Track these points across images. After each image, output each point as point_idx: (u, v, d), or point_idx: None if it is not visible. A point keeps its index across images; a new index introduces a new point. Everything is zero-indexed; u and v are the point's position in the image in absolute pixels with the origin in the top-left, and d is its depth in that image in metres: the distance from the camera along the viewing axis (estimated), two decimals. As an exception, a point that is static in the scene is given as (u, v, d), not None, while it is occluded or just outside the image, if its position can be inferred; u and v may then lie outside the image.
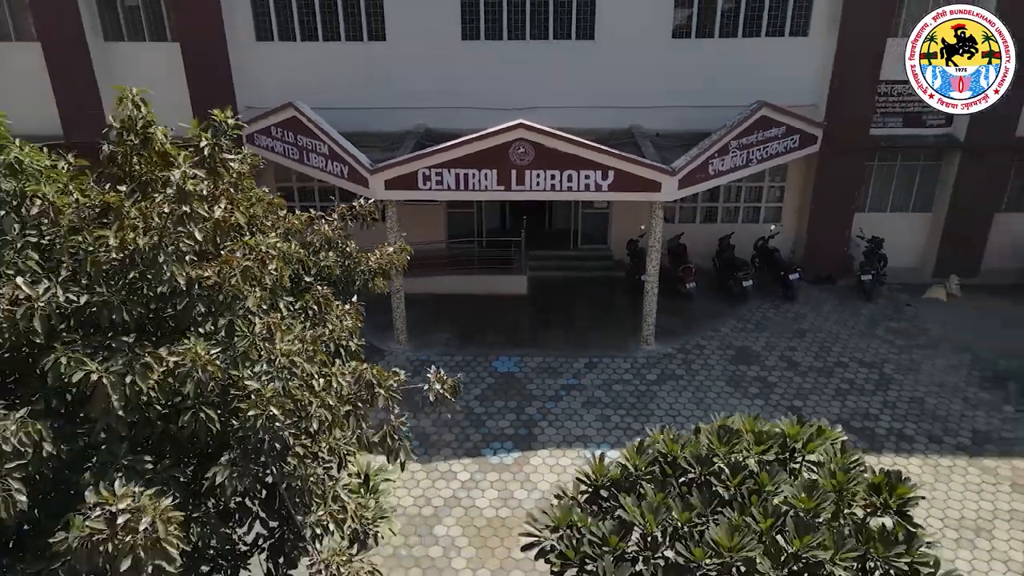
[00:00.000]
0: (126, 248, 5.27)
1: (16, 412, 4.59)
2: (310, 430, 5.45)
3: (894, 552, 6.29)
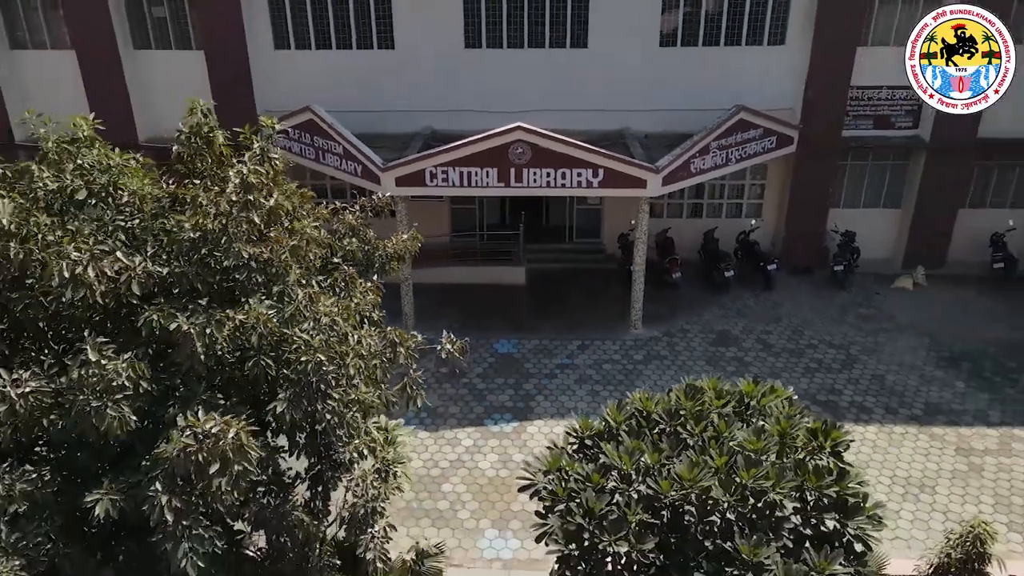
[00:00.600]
0: (199, 230, 6.58)
1: (125, 354, 5.90)
2: (347, 375, 6.77)
3: (826, 483, 7.61)
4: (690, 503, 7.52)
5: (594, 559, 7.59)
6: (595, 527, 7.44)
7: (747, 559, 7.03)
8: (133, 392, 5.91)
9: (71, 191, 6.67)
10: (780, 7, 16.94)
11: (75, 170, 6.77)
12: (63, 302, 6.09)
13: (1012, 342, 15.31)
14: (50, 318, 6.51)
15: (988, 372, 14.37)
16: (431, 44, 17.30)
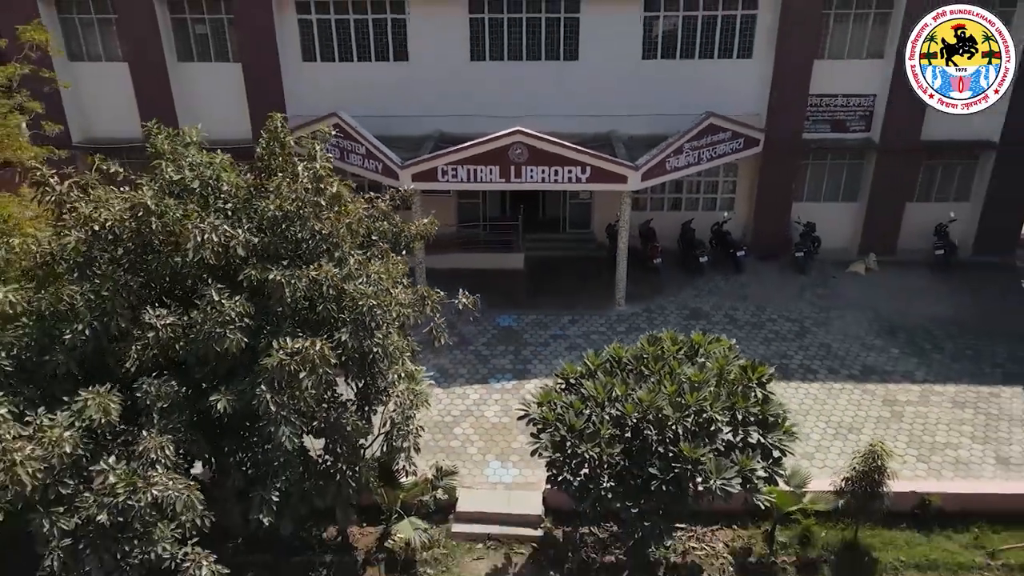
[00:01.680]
0: (281, 210, 8.95)
1: (237, 296, 8.25)
2: (390, 318, 9.15)
3: (751, 405, 9.99)
4: (648, 420, 9.95)
5: (574, 462, 9.99)
6: (575, 439, 9.87)
7: (689, 458, 9.41)
8: (241, 324, 8.27)
9: (187, 181, 9.02)
10: (747, 25, 19.30)
11: (190, 166, 9.11)
12: (186, 261, 8.45)
13: (945, 317, 17.68)
14: (172, 275, 8.86)
15: (920, 341, 16.73)
16: (441, 57, 19.64)
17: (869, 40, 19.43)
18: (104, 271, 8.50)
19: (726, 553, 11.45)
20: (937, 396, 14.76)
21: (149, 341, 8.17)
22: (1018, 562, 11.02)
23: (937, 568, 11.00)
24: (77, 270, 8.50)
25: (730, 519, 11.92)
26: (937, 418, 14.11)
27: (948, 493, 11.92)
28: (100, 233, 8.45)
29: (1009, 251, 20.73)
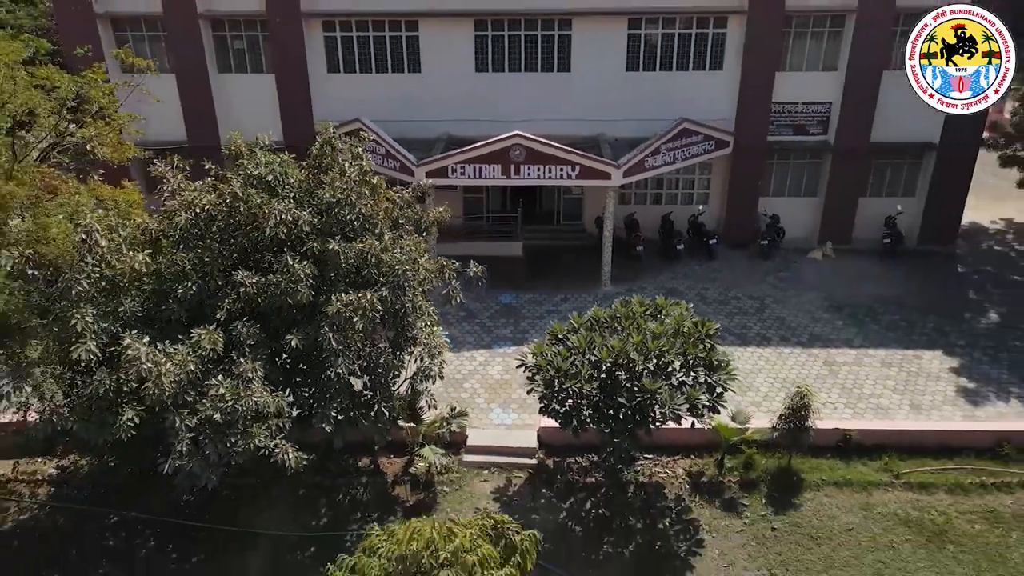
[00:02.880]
0: (335, 197, 11.69)
1: (304, 261, 10.97)
2: (419, 280, 11.90)
3: (700, 351, 12.72)
4: (618, 363, 12.66)
5: (561, 396, 12.71)
6: (561, 378, 12.59)
7: (649, 390, 12.13)
8: (308, 283, 11.00)
9: (263, 175, 11.75)
10: (718, 42, 22.04)
11: (266, 164, 11.84)
12: (264, 235, 11.18)
13: (886, 296, 20.42)
14: (253, 246, 11.59)
15: (861, 315, 19.47)
16: (449, 69, 22.39)
17: (824, 55, 22.20)
18: (204, 243, 11.25)
19: (684, 475, 14.17)
20: (869, 358, 17.51)
21: (239, 295, 10.90)
22: (916, 480, 13.74)
23: (852, 485, 13.71)
24: (184, 243, 11.24)
25: (688, 451, 14.64)
26: (866, 375, 16.87)
27: (865, 429, 14.66)
28: (200, 215, 11.20)
29: (950, 241, 23.51)
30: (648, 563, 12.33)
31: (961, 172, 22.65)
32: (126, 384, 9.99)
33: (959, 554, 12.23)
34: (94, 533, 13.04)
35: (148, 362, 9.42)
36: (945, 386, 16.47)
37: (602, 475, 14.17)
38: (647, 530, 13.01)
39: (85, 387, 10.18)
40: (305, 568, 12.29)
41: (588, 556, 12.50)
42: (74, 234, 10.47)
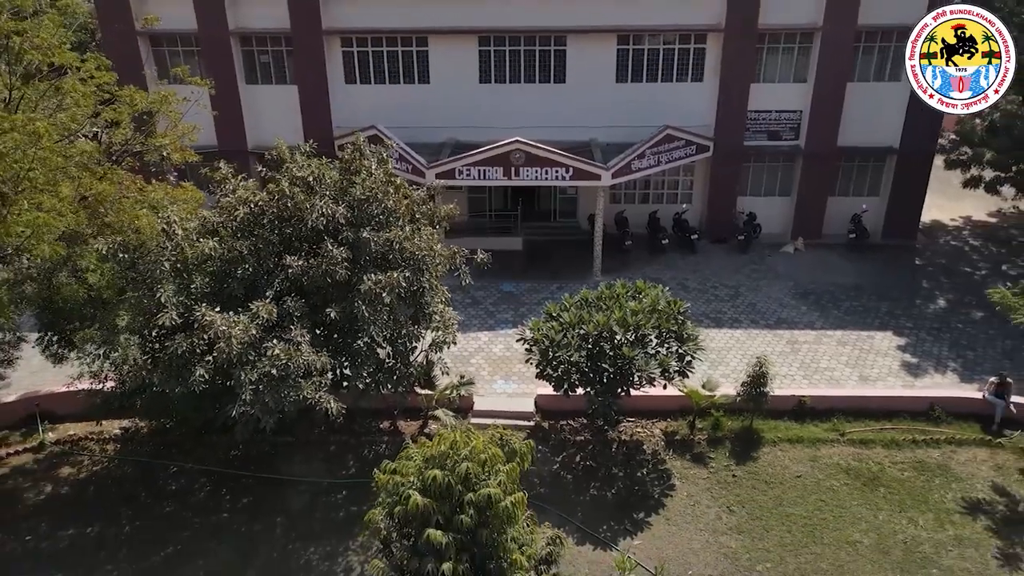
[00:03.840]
0: (365, 194, 14.01)
1: (340, 247, 13.29)
2: (433, 265, 14.23)
3: (671, 325, 15.06)
4: (602, 335, 14.96)
5: (554, 363, 15.02)
6: (554, 348, 14.90)
7: (628, 357, 14.45)
8: (344, 265, 13.32)
9: (305, 176, 14.06)
10: (698, 56, 24.38)
11: (307, 167, 14.16)
12: (308, 227, 13.50)
13: (847, 285, 22.76)
14: (297, 235, 13.90)
15: (824, 301, 21.80)
16: (456, 80, 24.72)
17: (794, 68, 24.54)
18: (257, 233, 13.58)
19: (660, 434, 16.49)
20: (827, 338, 19.85)
21: (287, 276, 13.22)
22: (858, 438, 16.04)
23: (803, 442, 16.02)
24: (241, 232, 13.57)
25: (665, 415, 16.95)
26: (823, 352, 19.20)
27: (817, 395, 16.98)
28: (255, 209, 13.53)
29: (910, 236, 25.84)
30: (627, 503, 14.64)
31: (919, 174, 24.97)
32: (198, 346, 12.30)
33: (888, 495, 14.55)
34: (158, 480, 15.36)
35: (222, 325, 11.75)
36: (891, 361, 18.81)
37: (590, 434, 16.48)
38: (627, 477, 15.32)
39: (165, 349, 12.51)
40: (337, 507, 14.62)
41: (577, 498, 14.81)
42: (157, 224, 12.79)
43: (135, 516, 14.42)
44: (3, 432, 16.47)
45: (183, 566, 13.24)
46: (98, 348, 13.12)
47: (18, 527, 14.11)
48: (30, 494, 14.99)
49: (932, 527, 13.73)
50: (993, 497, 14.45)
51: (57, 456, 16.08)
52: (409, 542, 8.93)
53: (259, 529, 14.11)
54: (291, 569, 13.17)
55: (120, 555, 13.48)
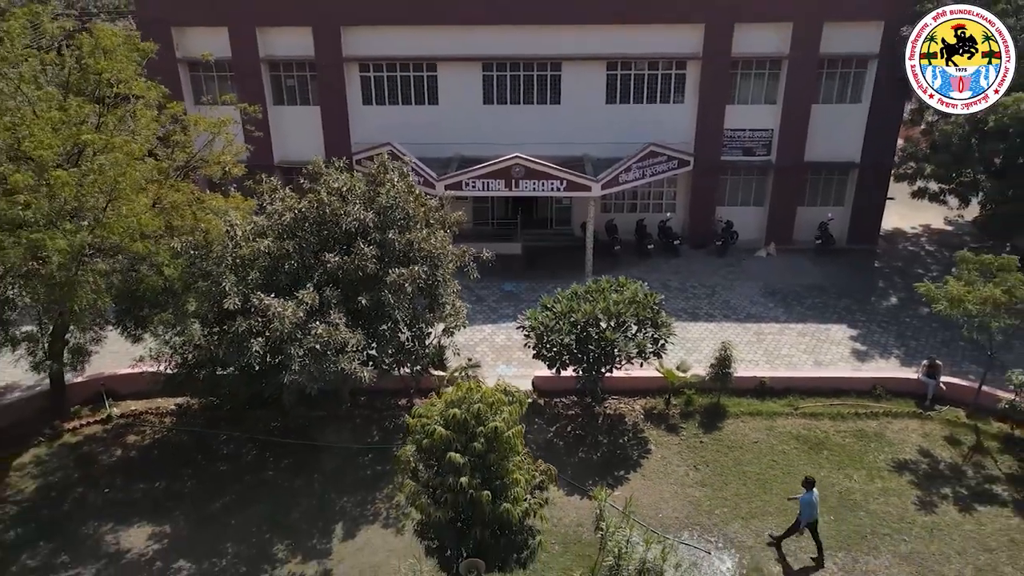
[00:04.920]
0: (389, 201, 16.76)
1: (370, 247, 16.00)
2: (446, 262, 16.96)
3: (648, 313, 17.79)
4: (589, 322, 17.67)
5: (547, 346, 17.72)
6: (548, 332, 17.60)
7: (610, 339, 17.16)
8: (372, 260, 16.04)
9: (339, 187, 16.81)
10: (680, 80, 27.22)
11: (341, 179, 16.91)
12: (342, 229, 16.24)
13: (812, 284, 25.49)
14: (333, 237, 16.63)
15: (790, 299, 24.52)
16: (462, 101, 27.54)
17: (765, 91, 27.38)
18: (300, 234, 16.31)
19: (640, 409, 19.14)
20: (790, 330, 22.56)
21: (325, 270, 15.92)
22: (809, 411, 18.69)
23: (762, 415, 18.66)
24: (287, 234, 16.31)
25: (645, 393, 19.59)
26: (785, 342, 21.91)
27: (776, 377, 19.65)
28: (298, 215, 16.27)
29: (872, 241, 28.60)
30: (610, 463, 17.28)
31: (878, 185, 27.76)
32: (254, 327, 14.99)
33: (830, 456, 17.20)
34: (211, 446, 18.02)
35: (277, 307, 14.47)
36: (843, 349, 21.52)
37: (579, 409, 19.15)
38: (611, 444, 17.97)
39: (227, 330, 15.21)
40: (364, 467, 17.25)
41: (568, 460, 17.44)
42: (222, 227, 15.53)
43: (194, 474, 17.07)
44: (75, 407, 19.13)
45: (238, 513, 15.86)
46: (169, 330, 15.83)
47: (97, 483, 16.75)
48: (103, 457, 17.65)
49: (864, 481, 16.38)
50: (918, 458, 17.11)
51: (122, 427, 18.73)
52: (433, 469, 11.58)
53: (300, 484, 16.74)
54: (328, 514, 15.80)
55: (185, 504, 16.11)
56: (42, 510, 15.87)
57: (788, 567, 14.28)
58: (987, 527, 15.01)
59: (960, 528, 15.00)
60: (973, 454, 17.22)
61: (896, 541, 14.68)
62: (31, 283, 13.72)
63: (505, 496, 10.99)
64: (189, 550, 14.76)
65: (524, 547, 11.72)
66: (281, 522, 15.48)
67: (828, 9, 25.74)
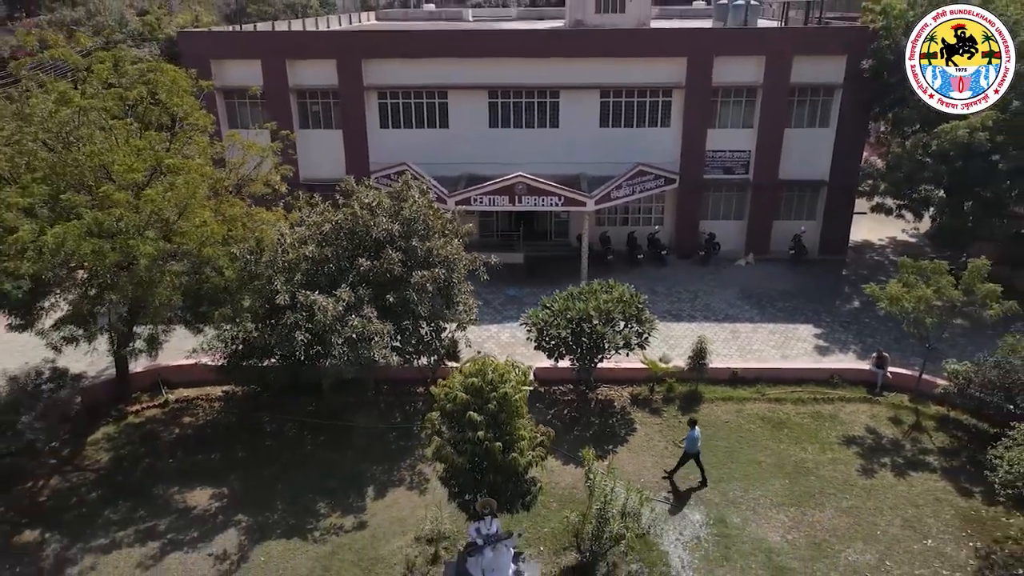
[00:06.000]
0: (412, 214, 19.70)
1: (397, 253, 18.91)
2: (460, 266, 19.88)
3: (633, 310, 20.70)
4: (582, 319, 20.56)
5: (547, 339, 20.60)
6: (547, 327, 20.51)
7: (601, 333, 20.08)
8: (399, 264, 18.95)
9: (369, 202, 19.75)
10: (666, 106, 30.26)
11: (370, 195, 19.85)
12: (372, 238, 19.17)
13: (784, 290, 28.40)
14: (364, 245, 19.56)
15: (763, 302, 27.41)
16: (470, 125, 30.56)
17: (743, 116, 30.41)
18: (337, 242, 19.23)
19: (628, 396, 21.97)
20: (762, 329, 25.45)
21: (358, 272, 18.82)
22: (774, 397, 21.53)
23: (733, 400, 21.48)
24: (325, 241, 19.22)
25: (632, 382, 22.43)
26: (757, 339, 24.78)
27: (747, 368, 22.51)
28: (335, 226, 19.20)
29: (841, 252, 31.53)
30: (600, 439, 20.09)
31: (846, 201, 30.73)
32: (301, 321, 17.86)
33: (789, 433, 20.02)
34: (256, 426, 20.84)
35: (322, 302, 17.37)
36: (808, 345, 24.40)
37: (574, 396, 21.98)
38: (601, 424, 20.79)
39: (277, 323, 18.10)
40: (388, 443, 20.06)
41: (564, 437, 20.22)
42: (275, 235, 18.46)
43: (243, 448, 19.88)
44: (136, 393, 21.98)
45: (285, 479, 18.66)
46: (227, 324, 18.72)
47: (162, 454, 19.57)
48: (164, 434, 20.48)
49: (816, 452, 19.20)
50: (864, 435, 19.93)
51: (178, 410, 21.57)
52: (455, 429, 14.41)
53: (335, 457, 19.54)
54: (361, 480, 18.60)
55: (238, 472, 18.91)
56: (117, 476, 18.69)
57: (677, 490, 17.91)
58: (916, 488, 17.83)
59: (894, 489, 17.81)
60: (912, 431, 20.06)
61: (839, 499, 17.49)
62: (121, 282, 16.61)
63: (513, 448, 13.81)
64: (245, 507, 17.57)
65: (528, 493, 14.49)
66: (321, 486, 18.29)
67: (797, 45, 28.85)
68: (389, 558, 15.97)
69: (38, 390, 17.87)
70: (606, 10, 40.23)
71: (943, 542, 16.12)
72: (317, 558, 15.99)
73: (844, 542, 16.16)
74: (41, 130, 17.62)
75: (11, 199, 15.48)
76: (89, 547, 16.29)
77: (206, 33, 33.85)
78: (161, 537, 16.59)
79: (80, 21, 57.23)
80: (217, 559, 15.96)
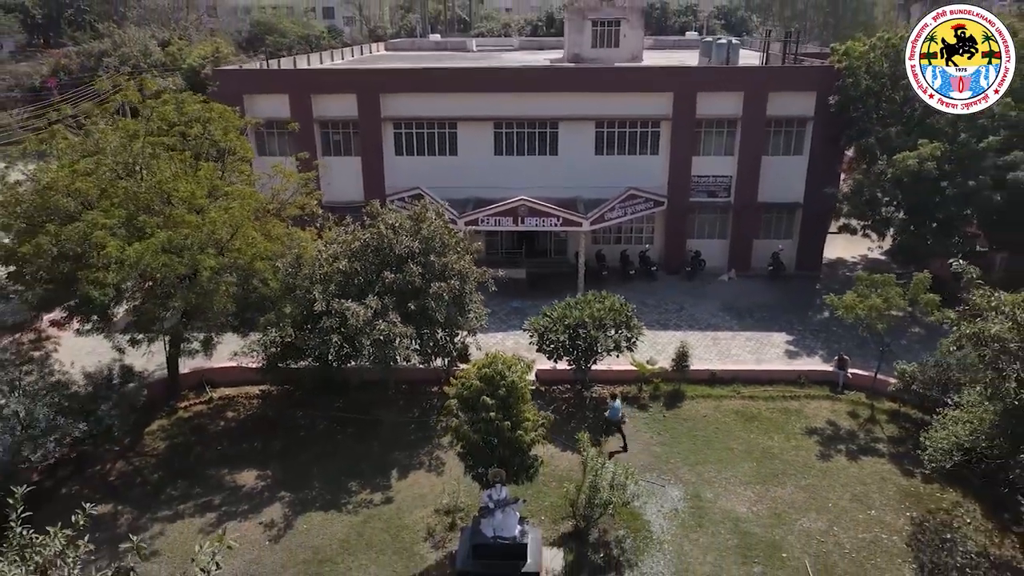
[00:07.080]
0: (430, 233, 22.67)
1: (417, 267, 21.85)
2: (471, 279, 22.82)
3: (622, 316, 23.64)
4: (578, 324, 23.49)
5: (547, 342, 23.52)
6: (547, 332, 23.45)
7: (594, 336, 23.02)
8: (419, 277, 21.91)
9: (392, 223, 22.73)
10: (655, 135, 33.37)
11: (393, 217, 22.84)
12: (395, 254, 22.15)
13: (762, 303, 31.33)
14: (388, 260, 22.52)
15: (743, 313, 30.32)
16: (477, 153, 33.66)
17: (725, 145, 33.51)
18: (364, 257, 22.20)
19: (619, 394, 24.81)
20: (740, 337, 28.35)
21: (384, 283, 21.74)
22: (748, 395, 24.38)
23: (712, 397, 24.32)
24: (355, 256, 22.18)
25: (623, 382, 25.29)
26: (736, 345, 27.67)
27: (724, 369, 25.38)
28: (363, 243, 22.18)
29: (816, 268, 34.51)
30: (594, 431, 22.90)
31: (820, 221, 33.74)
32: (335, 325, 20.75)
33: (759, 425, 22.86)
34: (291, 422, 23.68)
35: (355, 308, 20.30)
36: (780, 350, 27.29)
37: (572, 394, 24.84)
38: (595, 418, 23.62)
39: (314, 327, 21.01)
40: (408, 434, 22.88)
41: (563, 428, 23.05)
42: (313, 251, 21.42)
43: (281, 439, 22.71)
44: (184, 391, 24.85)
45: (319, 464, 21.46)
46: (271, 329, 21.64)
47: (210, 443, 22.40)
48: (211, 426, 23.31)
49: (782, 441, 22.03)
50: (825, 427, 22.77)
51: (221, 406, 24.41)
52: (469, 413, 17.26)
53: (362, 446, 22.37)
54: (386, 464, 21.41)
55: (278, 458, 21.73)
56: (173, 461, 21.52)
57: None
58: (866, 470, 20.66)
59: (846, 471, 20.64)
60: (866, 423, 22.91)
61: (799, 479, 20.32)
62: (184, 291, 19.54)
63: (519, 427, 16.67)
64: (287, 486, 20.39)
65: (531, 467, 17.34)
66: (352, 469, 21.11)
67: (772, 82, 32.01)
68: (413, 526, 18.77)
69: (111, 384, 20.72)
70: (602, 44, 43.72)
71: (884, 512, 18.92)
72: (352, 525, 18.79)
73: (800, 512, 18.97)
74: (114, 162, 20.65)
75: (99, 220, 18.43)
76: (156, 517, 19.11)
77: (240, 71, 37.07)
78: (217, 509, 19.41)
79: (107, 52, 60.65)
80: (267, 527, 18.76)
